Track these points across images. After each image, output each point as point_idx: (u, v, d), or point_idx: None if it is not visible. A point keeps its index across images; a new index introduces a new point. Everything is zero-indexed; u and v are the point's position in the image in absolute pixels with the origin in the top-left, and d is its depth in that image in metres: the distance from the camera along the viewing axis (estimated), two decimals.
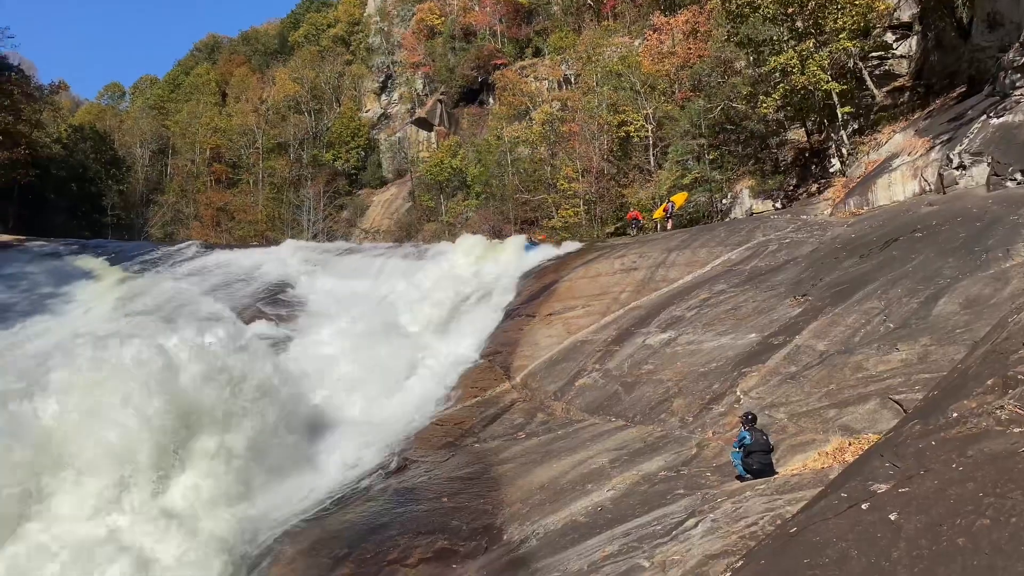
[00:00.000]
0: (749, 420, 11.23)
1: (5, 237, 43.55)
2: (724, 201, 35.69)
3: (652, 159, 42.56)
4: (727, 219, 33.31)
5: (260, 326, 25.69)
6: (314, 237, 64.00)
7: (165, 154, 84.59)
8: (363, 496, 15.70)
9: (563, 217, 45.77)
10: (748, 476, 10.88)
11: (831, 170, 29.68)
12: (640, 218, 36.79)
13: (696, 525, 9.56)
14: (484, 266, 30.57)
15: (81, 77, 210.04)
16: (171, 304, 28.60)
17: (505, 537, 12.42)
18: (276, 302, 29.68)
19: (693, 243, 24.82)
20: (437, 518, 13.77)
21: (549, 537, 11.49)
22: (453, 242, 35.47)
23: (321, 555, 13.64)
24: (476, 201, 58.62)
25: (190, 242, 44.33)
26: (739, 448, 11.05)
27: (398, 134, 75.59)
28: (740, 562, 4.84)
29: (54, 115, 73.25)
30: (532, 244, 33.18)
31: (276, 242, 47.41)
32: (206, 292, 31.11)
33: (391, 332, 25.01)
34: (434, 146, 70.33)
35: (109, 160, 74.35)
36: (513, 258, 30.48)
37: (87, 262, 37.27)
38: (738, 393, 14.58)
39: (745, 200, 34.27)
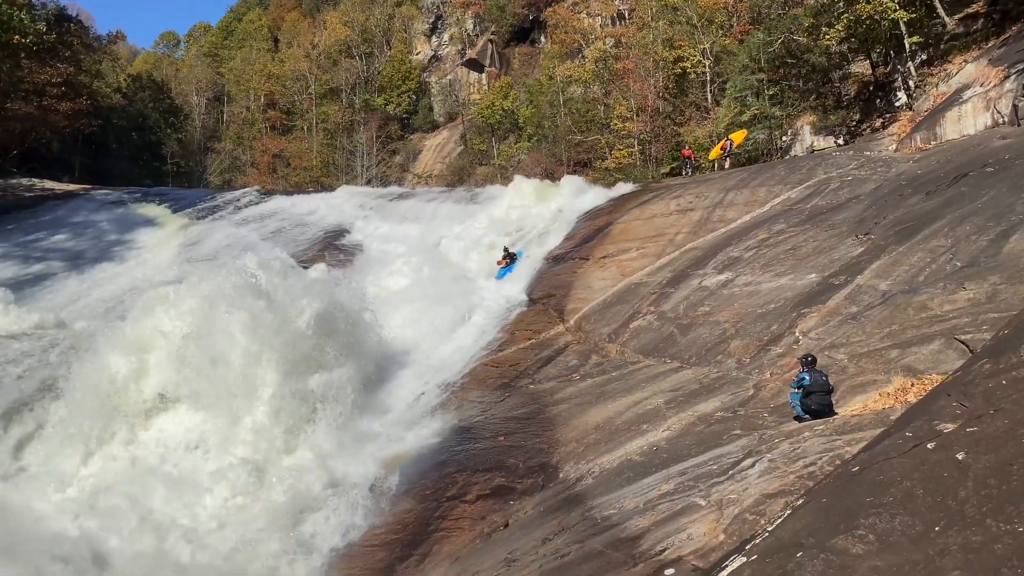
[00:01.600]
0: (808, 361, 11.05)
1: (72, 186, 44.93)
2: (784, 138, 34.67)
3: (709, 96, 41.44)
4: (787, 157, 32.40)
5: (318, 270, 26.15)
6: (368, 183, 64.38)
7: (221, 101, 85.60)
8: (421, 435, 16.06)
9: (617, 158, 45.03)
10: (806, 417, 10.77)
11: (897, 104, 28.50)
12: (693, 157, 36.02)
13: (753, 465, 9.54)
14: (537, 209, 30.43)
15: (137, 27, 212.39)
16: (232, 249, 29.23)
17: (561, 475, 12.62)
18: (333, 247, 30.17)
19: (752, 182, 24.27)
20: (494, 456, 14.03)
21: (605, 476, 11.62)
22: (506, 185, 35.33)
23: (382, 491, 14.09)
24: (528, 143, 58.03)
25: (248, 189, 45.09)
26: (798, 389, 10.91)
27: (449, 76, 74.93)
28: (800, 500, 4.83)
29: (113, 65, 74.48)
30: (505, 268, 26.40)
31: (331, 188, 47.89)
32: (266, 237, 31.75)
33: (445, 276, 25.24)
34: (485, 88, 69.55)
35: (167, 108, 75.61)
36: (567, 201, 30.23)
37: (150, 209, 38.28)
38: (797, 334, 14.36)
39: (806, 137, 33.24)
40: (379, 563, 11.69)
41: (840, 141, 30.63)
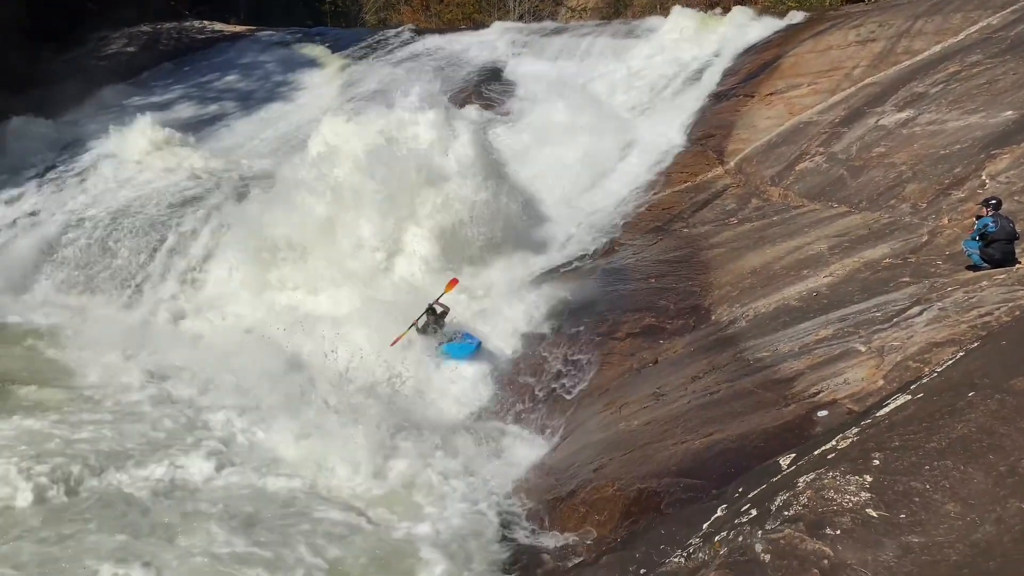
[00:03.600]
0: (992, 204, 10.10)
1: (239, 28, 46.37)
2: None
3: None
4: None
5: (472, 110, 26.23)
6: (520, 18, 62.46)
7: None
8: (572, 275, 16.36)
9: None
10: (984, 266, 10.00)
11: None
12: None
13: (920, 313, 9.09)
14: (699, 42, 28.63)
15: None
16: (389, 89, 29.65)
17: (713, 318, 12.56)
18: (486, 86, 29.99)
19: (945, 8, 21.62)
20: (644, 297, 14.13)
21: (759, 320, 11.46)
22: (665, 17, 33.29)
23: (532, 326, 14.68)
24: None
25: (403, 27, 44.88)
26: (978, 237, 10.07)
27: None
28: (976, 343, 4.58)
29: None
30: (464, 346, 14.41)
31: (483, 25, 46.91)
32: (421, 77, 31.88)
33: (599, 115, 24.58)
34: None
35: None
36: (731, 33, 28.18)
37: (311, 50, 39.08)
38: (983, 177, 13.14)
39: None
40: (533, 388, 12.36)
41: None
